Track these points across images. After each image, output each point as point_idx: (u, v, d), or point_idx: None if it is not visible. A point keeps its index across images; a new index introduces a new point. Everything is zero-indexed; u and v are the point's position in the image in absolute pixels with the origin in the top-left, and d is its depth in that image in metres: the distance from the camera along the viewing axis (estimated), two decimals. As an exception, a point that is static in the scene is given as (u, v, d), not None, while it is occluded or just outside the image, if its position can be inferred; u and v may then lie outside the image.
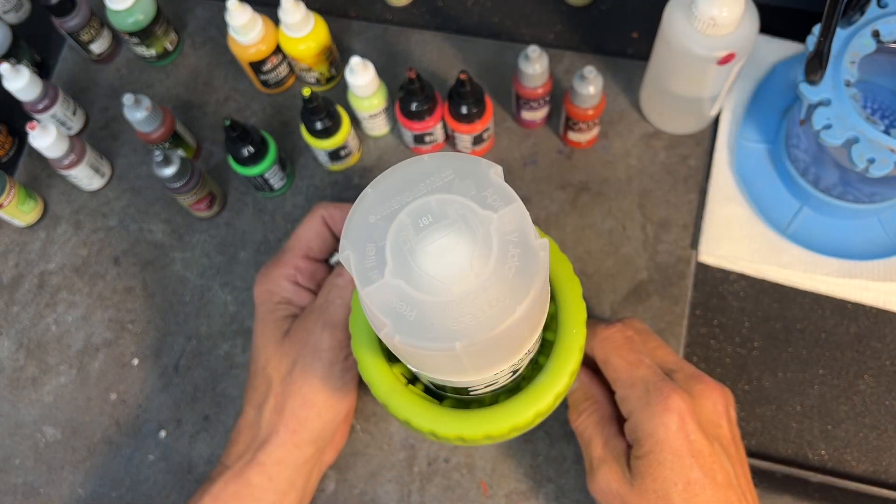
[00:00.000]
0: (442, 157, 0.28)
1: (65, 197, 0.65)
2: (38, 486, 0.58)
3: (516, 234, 0.26)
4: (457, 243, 0.26)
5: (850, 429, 0.55)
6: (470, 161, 0.28)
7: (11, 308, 0.62)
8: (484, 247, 0.26)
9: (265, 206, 0.64)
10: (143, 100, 0.58)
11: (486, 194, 0.27)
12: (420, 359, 0.29)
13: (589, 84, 0.55)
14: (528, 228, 0.27)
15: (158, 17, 0.64)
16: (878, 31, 0.49)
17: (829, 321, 0.57)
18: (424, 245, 0.26)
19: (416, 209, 0.27)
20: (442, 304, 0.26)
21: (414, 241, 0.27)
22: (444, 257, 0.26)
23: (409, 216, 0.27)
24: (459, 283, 0.26)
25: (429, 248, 0.26)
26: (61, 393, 0.60)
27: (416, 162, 0.28)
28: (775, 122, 0.61)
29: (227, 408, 0.58)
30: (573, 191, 0.61)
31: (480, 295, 0.26)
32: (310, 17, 0.60)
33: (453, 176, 0.28)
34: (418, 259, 0.26)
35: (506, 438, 0.37)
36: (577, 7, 0.67)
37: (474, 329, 0.25)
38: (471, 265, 0.26)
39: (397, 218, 0.27)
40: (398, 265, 0.26)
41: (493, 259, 0.26)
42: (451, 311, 0.26)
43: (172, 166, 0.56)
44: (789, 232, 0.58)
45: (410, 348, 0.26)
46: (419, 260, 0.26)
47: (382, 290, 0.26)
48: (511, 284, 0.26)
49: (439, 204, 0.27)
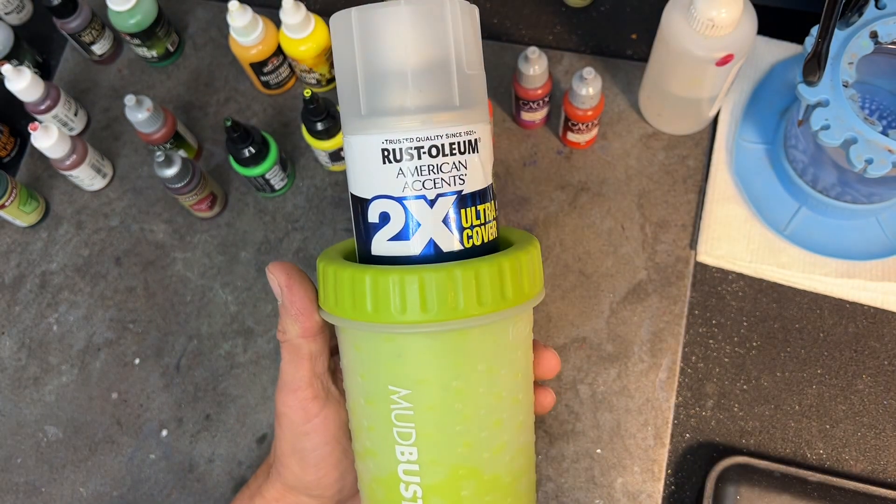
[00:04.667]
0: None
1: (66, 197, 0.65)
2: (39, 485, 0.58)
3: None
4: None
5: (848, 428, 0.55)
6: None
7: (13, 308, 0.63)
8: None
9: (266, 206, 0.64)
10: (144, 100, 0.59)
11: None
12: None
13: (588, 85, 0.55)
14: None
15: (160, 18, 0.64)
16: (877, 32, 0.49)
17: (828, 321, 0.58)
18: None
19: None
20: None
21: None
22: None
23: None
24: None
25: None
26: (63, 392, 0.60)
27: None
28: (774, 122, 0.61)
29: (227, 407, 0.58)
30: (572, 191, 0.62)
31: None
32: (310, 18, 0.60)
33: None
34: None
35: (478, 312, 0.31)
36: (576, 8, 0.67)
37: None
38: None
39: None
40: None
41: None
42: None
43: (174, 167, 0.56)
44: (787, 232, 0.58)
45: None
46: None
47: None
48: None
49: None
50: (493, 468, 0.33)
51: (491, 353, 0.32)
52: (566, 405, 0.56)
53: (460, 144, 0.31)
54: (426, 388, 0.31)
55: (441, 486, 0.32)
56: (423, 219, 0.31)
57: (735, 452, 0.55)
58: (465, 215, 0.31)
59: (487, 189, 0.33)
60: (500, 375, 0.32)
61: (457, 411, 0.31)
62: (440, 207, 0.31)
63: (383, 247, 0.31)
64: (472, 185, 0.31)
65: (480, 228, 0.32)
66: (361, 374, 0.32)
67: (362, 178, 0.31)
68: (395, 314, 0.30)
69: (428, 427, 0.31)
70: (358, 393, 0.33)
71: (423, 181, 0.30)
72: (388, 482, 0.33)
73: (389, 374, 0.31)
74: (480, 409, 0.32)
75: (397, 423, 0.31)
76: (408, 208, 0.31)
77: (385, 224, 0.31)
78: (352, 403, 0.34)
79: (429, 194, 0.31)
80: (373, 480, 0.33)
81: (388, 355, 0.31)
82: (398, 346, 0.31)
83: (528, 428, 0.34)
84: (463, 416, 0.31)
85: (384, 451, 0.32)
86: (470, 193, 0.31)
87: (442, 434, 0.31)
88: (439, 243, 0.31)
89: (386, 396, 0.31)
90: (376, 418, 0.32)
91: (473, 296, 0.30)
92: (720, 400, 0.56)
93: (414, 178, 0.30)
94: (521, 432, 0.34)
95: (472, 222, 0.32)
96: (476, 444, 0.32)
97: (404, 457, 0.32)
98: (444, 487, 0.32)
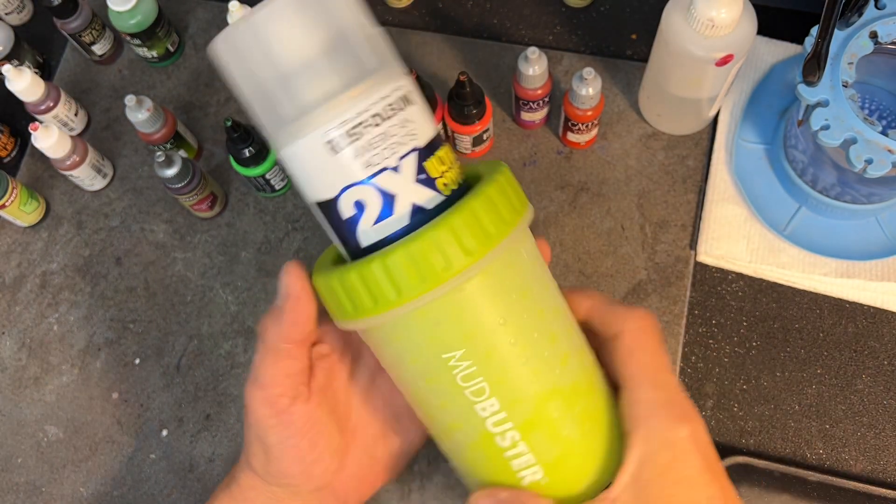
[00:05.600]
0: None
1: (67, 197, 0.65)
2: (40, 485, 0.58)
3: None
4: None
5: (848, 428, 0.55)
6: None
7: (14, 308, 0.63)
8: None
9: (266, 206, 0.64)
10: (144, 101, 0.59)
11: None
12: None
13: (588, 85, 0.55)
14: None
15: (160, 18, 0.64)
16: (876, 33, 0.49)
17: (827, 321, 0.58)
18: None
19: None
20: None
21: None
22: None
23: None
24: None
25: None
26: (63, 392, 0.60)
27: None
28: (773, 122, 0.61)
29: (228, 407, 0.59)
30: (572, 191, 0.62)
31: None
32: (310, 18, 0.60)
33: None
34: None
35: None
36: (576, 8, 0.67)
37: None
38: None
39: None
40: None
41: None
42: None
43: (174, 167, 0.56)
44: (787, 232, 0.58)
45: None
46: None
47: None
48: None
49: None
50: (568, 379, 0.33)
51: (517, 279, 0.32)
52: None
53: (395, 103, 0.31)
54: (476, 338, 0.31)
55: (533, 420, 0.32)
56: (395, 188, 0.30)
57: (735, 452, 0.55)
58: (431, 166, 0.31)
59: (438, 134, 0.33)
60: (533, 295, 0.33)
61: (513, 344, 0.32)
62: (406, 169, 0.31)
63: (372, 233, 0.31)
64: (424, 136, 0.31)
65: (449, 172, 0.32)
66: (410, 359, 0.32)
67: (319, 180, 0.31)
68: (417, 287, 0.29)
69: (495, 373, 0.31)
70: (414, 379, 0.33)
71: (379, 152, 0.30)
72: (483, 443, 0.33)
73: (437, 343, 0.31)
74: (532, 332, 0.32)
75: (466, 385, 0.32)
76: (377, 185, 0.30)
77: (362, 212, 0.31)
78: (413, 393, 0.34)
79: (389, 162, 0.30)
80: (468, 450, 0.34)
81: (428, 328, 0.31)
82: (433, 314, 0.31)
83: (576, 328, 0.35)
84: (521, 347, 0.32)
85: (465, 416, 0.32)
86: (426, 144, 0.31)
87: (511, 372, 0.32)
88: (422, 204, 0.31)
89: (444, 365, 0.31)
90: (443, 391, 0.32)
91: (479, 235, 0.30)
92: (720, 400, 0.56)
93: (369, 153, 0.30)
94: (574, 334, 0.34)
95: (441, 170, 0.31)
96: (543, 365, 0.32)
97: (486, 412, 0.32)
98: (536, 420, 0.32)
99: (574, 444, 0.33)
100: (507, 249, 0.31)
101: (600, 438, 0.33)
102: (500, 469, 0.33)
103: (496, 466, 0.33)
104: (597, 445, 0.33)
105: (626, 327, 0.37)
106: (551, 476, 0.33)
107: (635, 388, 0.36)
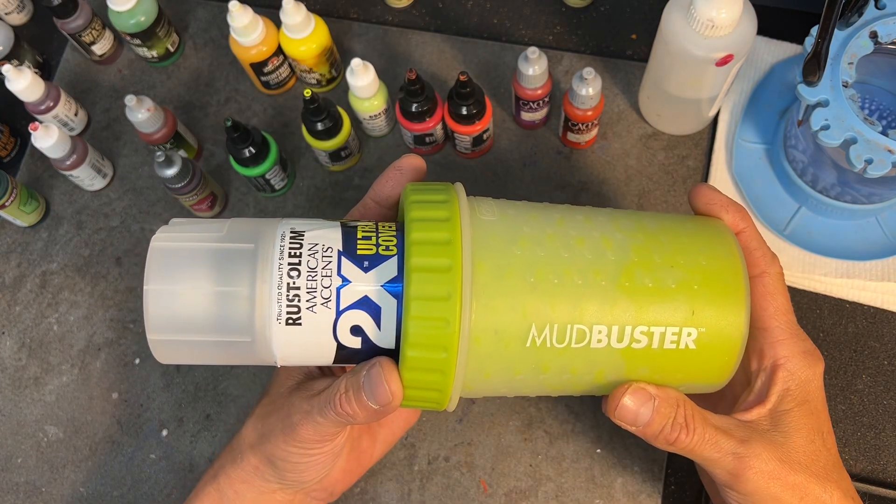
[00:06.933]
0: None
1: (67, 197, 0.65)
2: (40, 485, 0.58)
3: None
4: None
5: (848, 428, 0.55)
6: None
7: (14, 308, 0.63)
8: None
9: (266, 206, 0.64)
10: (144, 101, 0.59)
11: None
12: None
13: (588, 85, 0.55)
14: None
15: (160, 18, 0.64)
16: (876, 33, 0.49)
17: (827, 321, 0.58)
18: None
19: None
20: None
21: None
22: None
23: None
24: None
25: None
26: (63, 392, 0.60)
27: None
28: (773, 122, 0.61)
29: (228, 406, 0.59)
30: (572, 191, 0.62)
31: None
32: (310, 18, 0.60)
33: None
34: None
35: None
36: (576, 8, 0.67)
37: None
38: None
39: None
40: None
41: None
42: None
43: (174, 167, 0.56)
44: (787, 232, 0.58)
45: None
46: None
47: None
48: None
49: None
50: (643, 254, 0.36)
51: (505, 237, 0.35)
52: (566, 405, 0.56)
53: (291, 247, 0.35)
54: (524, 308, 0.34)
55: (632, 306, 0.35)
56: (361, 287, 0.34)
57: (735, 452, 0.55)
58: (363, 248, 0.35)
59: (342, 221, 0.37)
60: (532, 235, 0.35)
61: (557, 283, 0.34)
62: (350, 272, 0.34)
63: (385, 334, 0.35)
64: (333, 237, 0.35)
65: (380, 235, 0.36)
66: (515, 372, 0.35)
67: (313, 350, 0.35)
68: (447, 348, 0.33)
69: (567, 310, 0.34)
70: (535, 376, 0.36)
71: (320, 284, 0.34)
72: (627, 356, 0.36)
73: (507, 346, 0.34)
74: (559, 255, 0.35)
75: (575, 345, 0.35)
76: (351, 306, 0.34)
77: (363, 331, 0.35)
78: (549, 389, 0.37)
79: (335, 282, 0.34)
80: (625, 374, 0.37)
81: (492, 352, 0.34)
82: (485, 345, 0.34)
83: (604, 211, 0.39)
84: (562, 276, 0.35)
85: (593, 359, 0.36)
86: (342, 242, 0.35)
87: (575, 298, 0.35)
88: (387, 277, 0.34)
89: (536, 350, 0.34)
90: (561, 364, 0.35)
91: (442, 275, 0.33)
92: (720, 400, 0.56)
93: (317, 292, 0.34)
94: (611, 216, 0.38)
95: (371, 243, 0.35)
96: (591, 266, 0.35)
97: (602, 342, 0.35)
98: (635, 307, 0.35)
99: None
100: (471, 238, 0.34)
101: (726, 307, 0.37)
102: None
103: (660, 360, 0.37)
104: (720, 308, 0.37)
105: (770, 270, 0.42)
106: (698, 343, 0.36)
107: (776, 329, 0.41)
